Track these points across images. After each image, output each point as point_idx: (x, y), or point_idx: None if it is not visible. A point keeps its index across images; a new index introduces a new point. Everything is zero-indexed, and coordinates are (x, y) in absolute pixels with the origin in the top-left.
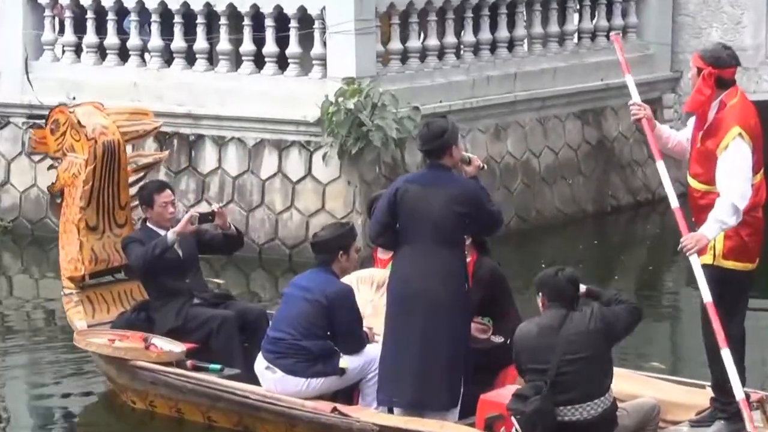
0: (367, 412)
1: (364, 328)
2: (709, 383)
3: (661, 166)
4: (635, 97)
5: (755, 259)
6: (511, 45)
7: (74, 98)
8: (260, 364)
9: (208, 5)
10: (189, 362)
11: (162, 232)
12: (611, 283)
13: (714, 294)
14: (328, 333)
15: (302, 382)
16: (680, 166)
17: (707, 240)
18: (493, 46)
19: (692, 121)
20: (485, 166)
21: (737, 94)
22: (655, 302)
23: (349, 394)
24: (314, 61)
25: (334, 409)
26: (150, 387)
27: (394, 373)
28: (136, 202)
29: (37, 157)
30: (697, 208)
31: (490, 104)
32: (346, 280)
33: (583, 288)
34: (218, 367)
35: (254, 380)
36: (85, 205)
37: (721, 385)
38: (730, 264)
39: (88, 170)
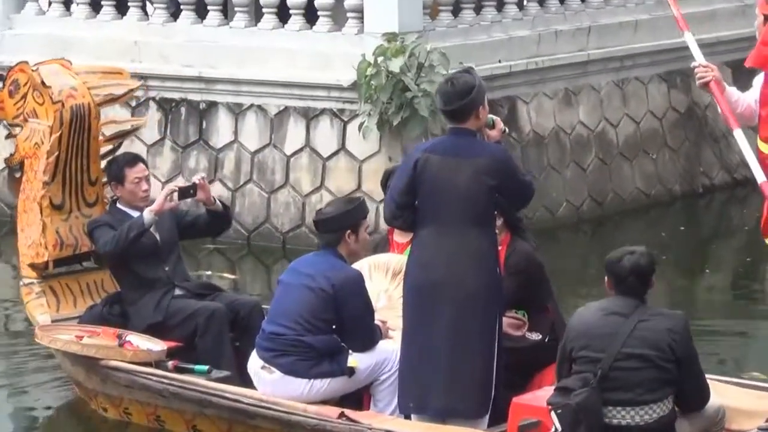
0: (380, 418)
1: (377, 322)
2: None
3: (739, 134)
4: (699, 57)
5: None
6: None
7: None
8: (255, 363)
9: None
10: (171, 363)
11: (134, 214)
12: (702, 277)
13: None
14: (334, 327)
15: (304, 384)
16: None
17: None
18: None
19: (759, 79)
20: (507, 130)
21: None
22: (754, 299)
23: (358, 399)
24: (349, 14)
25: (342, 415)
26: (125, 391)
27: (416, 376)
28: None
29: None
30: None
31: (559, 64)
32: (357, 266)
33: None
34: (205, 368)
35: (247, 383)
36: (50, 180)
37: None
38: None
39: (53, 139)
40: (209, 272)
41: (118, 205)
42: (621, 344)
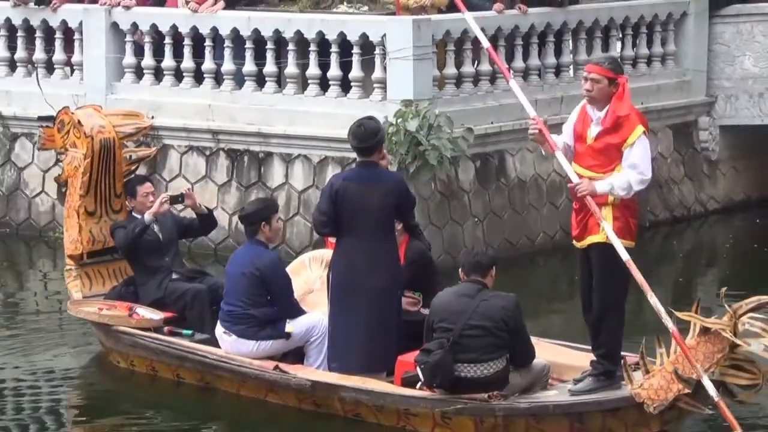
0: (304, 370)
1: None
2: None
3: (559, 155)
4: (530, 110)
5: (635, 239)
6: (557, 71)
7: (153, 117)
8: (219, 329)
9: (277, 32)
10: (166, 328)
11: None
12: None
13: (608, 267)
14: (269, 298)
15: (253, 344)
16: (715, 183)
17: (597, 191)
18: (541, 72)
19: (569, 127)
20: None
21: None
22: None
23: (300, 355)
24: (375, 85)
25: (276, 367)
26: (130, 349)
27: (344, 347)
28: None
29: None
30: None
31: None
32: (299, 259)
33: None
34: (190, 332)
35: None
36: (84, 193)
37: (609, 350)
38: (624, 242)
39: (86, 163)
40: None
41: (133, 213)
42: (467, 318)
